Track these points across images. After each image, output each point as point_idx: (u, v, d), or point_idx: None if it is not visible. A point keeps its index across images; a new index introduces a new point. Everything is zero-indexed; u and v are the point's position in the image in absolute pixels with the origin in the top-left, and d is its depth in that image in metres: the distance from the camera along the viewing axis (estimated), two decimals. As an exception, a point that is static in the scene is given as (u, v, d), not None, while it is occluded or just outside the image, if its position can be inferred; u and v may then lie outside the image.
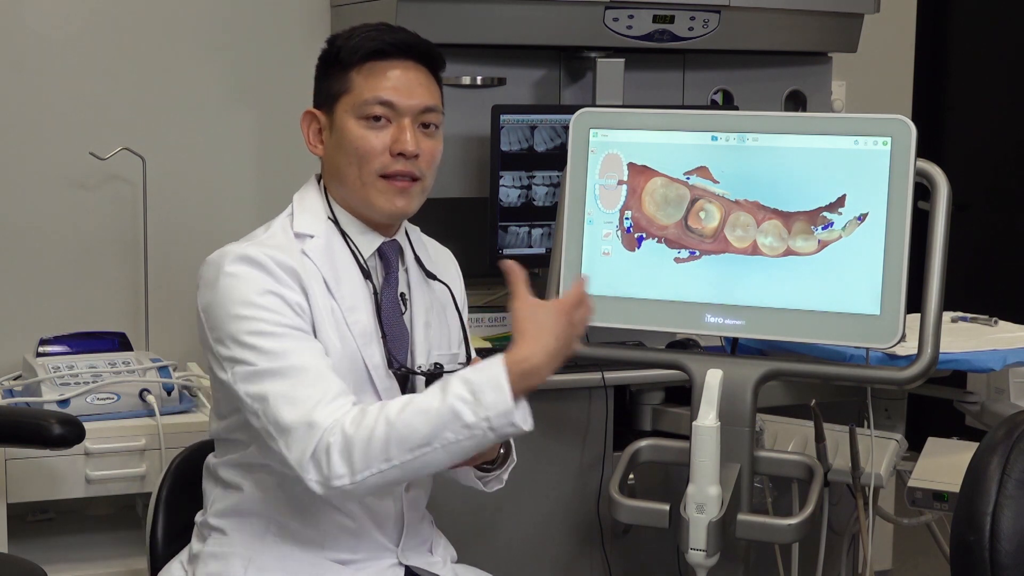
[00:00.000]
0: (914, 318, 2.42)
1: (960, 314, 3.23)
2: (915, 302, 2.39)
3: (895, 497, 3.67)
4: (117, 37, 3.25)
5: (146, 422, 2.83)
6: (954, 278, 2.53)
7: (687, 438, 2.33)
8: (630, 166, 2.50)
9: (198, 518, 2.13)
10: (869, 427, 2.71)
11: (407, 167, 2.03)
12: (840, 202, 2.38)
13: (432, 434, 1.83)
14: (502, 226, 3.02)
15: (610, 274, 2.50)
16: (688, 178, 2.47)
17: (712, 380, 2.35)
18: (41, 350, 3.04)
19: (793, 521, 2.40)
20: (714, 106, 3.34)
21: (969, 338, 2.98)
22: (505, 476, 2.17)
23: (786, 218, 2.41)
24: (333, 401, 1.90)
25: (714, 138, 2.46)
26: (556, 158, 2.98)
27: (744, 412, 2.42)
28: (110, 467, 2.77)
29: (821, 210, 2.39)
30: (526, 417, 1.85)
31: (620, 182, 2.50)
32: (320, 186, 2.12)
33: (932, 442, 2.79)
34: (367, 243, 2.09)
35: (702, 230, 2.46)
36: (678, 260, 2.47)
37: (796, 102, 3.44)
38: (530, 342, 1.87)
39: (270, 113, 3.36)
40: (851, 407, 2.95)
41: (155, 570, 2.19)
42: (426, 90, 2.07)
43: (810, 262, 2.40)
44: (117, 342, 3.10)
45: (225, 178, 3.36)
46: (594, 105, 3.06)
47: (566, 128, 2.64)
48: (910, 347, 2.48)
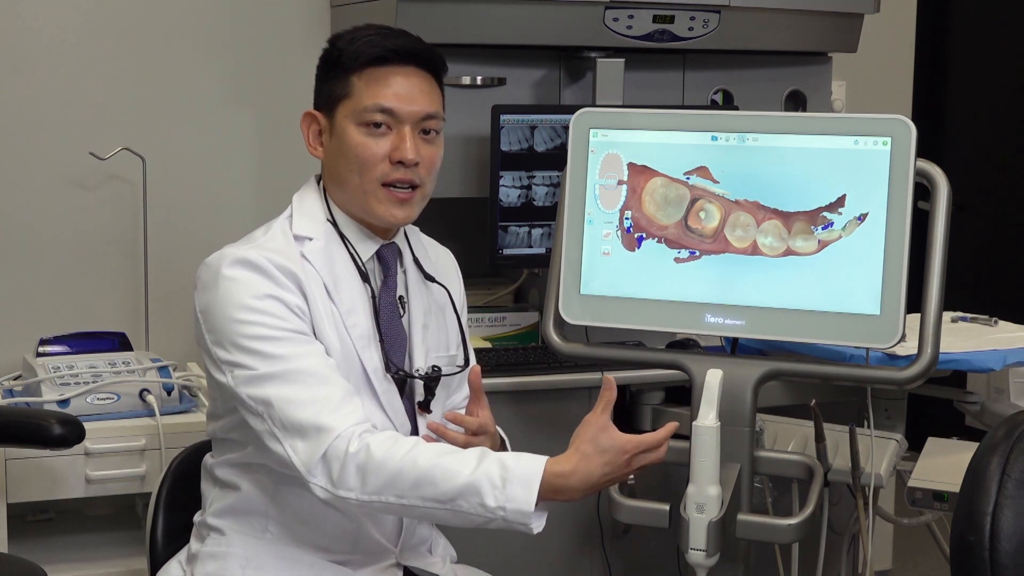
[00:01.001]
0: (914, 318, 2.42)
1: (960, 314, 3.23)
2: (915, 302, 2.39)
3: (895, 497, 3.67)
4: (117, 37, 3.25)
5: (146, 422, 2.83)
6: (954, 278, 2.53)
7: (687, 438, 2.33)
8: (630, 166, 2.50)
9: (196, 518, 2.13)
10: (869, 427, 2.71)
11: (407, 175, 2.03)
12: (840, 202, 2.38)
13: (450, 497, 1.86)
14: (502, 226, 3.03)
15: (610, 274, 2.49)
16: (688, 178, 2.47)
17: (712, 380, 2.34)
18: (41, 350, 3.04)
19: (793, 521, 2.39)
20: (714, 106, 3.34)
21: (969, 338, 2.98)
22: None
23: (786, 218, 2.41)
24: (341, 405, 1.91)
25: (714, 138, 2.46)
26: (556, 158, 2.99)
27: (744, 412, 2.42)
28: (110, 467, 2.77)
29: (821, 210, 2.39)
30: (540, 523, 1.90)
31: (620, 182, 2.50)
32: (319, 188, 2.12)
33: (932, 442, 2.79)
34: (366, 246, 2.09)
35: (702, 230, 2.46)
36: (678, 260, 2.47)
37: (796, 102, 3.44)
38: (577, 461, 1.91)
39: (270, 113, 3.36)
40: (851, 407, 2.95)
41: (155, 570, 2.19)
42: (427, 97, 2.06)
43: (810, 262, 2.40)
44: (117, 342, 3.10)
45: (225, 178, 3.36)
46: (594, 105, 3.06)
47: (566, 128, 2.64)
48: (910, 347, 2.48)
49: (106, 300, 3.28)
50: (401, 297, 2.12)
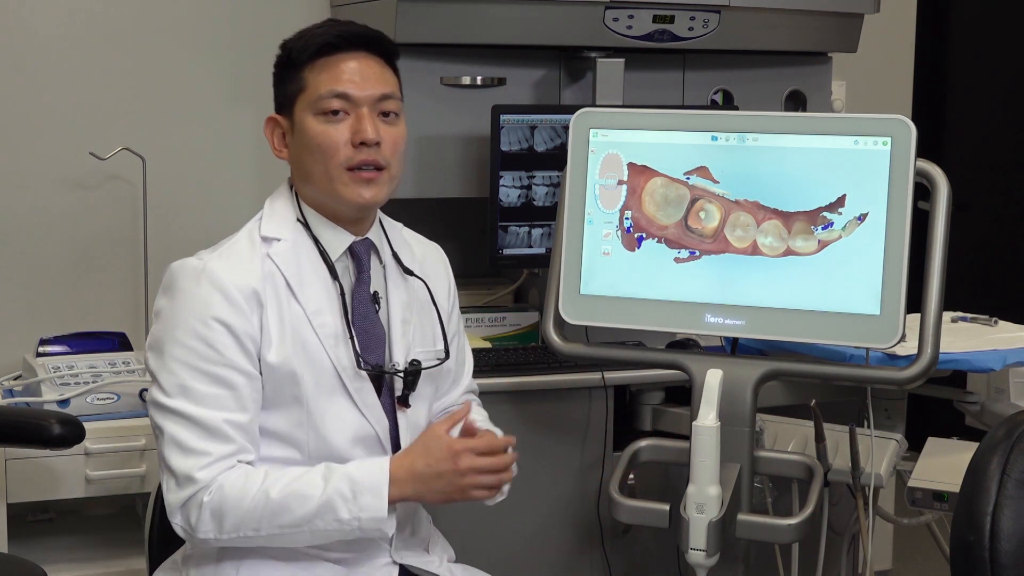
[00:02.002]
0: (914, 318, 2.42)
1: (960, 314, 3.23)
2: (915, 302, 2.39)
3: (895, 497, 3.67)
4: (117, 37, 3.25)
5: (146, 422, 2.79)
6: (954, 278, 2.53)
7: (687, 438, 2.33)
8: (630, 166, 2.50)
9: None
10: (869, 427, 2.71)
11: (371, 156, 2.04)
12: (840, 202, 2.38)
13: (305, 519, 1.94)
14: (502, 226, 3.02)
15: (610, 274, 2.49)
16: (688, 178, 2.47)
17: (712, 380, 2.35)
18: (41, 350, 3.04)
19: (793, 521, 2.39)
20: (714, 106, 3.34)
21: (969, 338, 2.98)
22: (506, 489, 2.17)
23: (786, 218, 2.41)
24: (219, 462, 1.96)
25: (714, 138, 2.46)
26: (556, 158, 2.98)
27: (744, 412, 2.42)
28: (110, 467, 2.77)
29: (821, 210, 2.39)
30: (392, 526, 1.98)
31: (620, 182, 2.50)
32: (290, 189, 2.13)
33: (932, 442, 2.79)
34: (338, 242, 2.09)
35: (702, 230, 2.46)
36: (678, 260, 2.47)
37: (796, 102, 3.44)
38: (406, 462, 1.98)
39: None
40: (851, 407, 2.95)
41: (154, 570, 2.19)
42: (380, 78, 2.07)
43: (810, 262, 2.40)
44: (117, 342, 3.10)
45: (225, 178, 3.36)
46: (594, 105, 3.06)
47: (566, 128, 2.64)
48: (910, 347, 2.48)
49: (106, 300, 3.28)
50: (376, 292, 2.11)
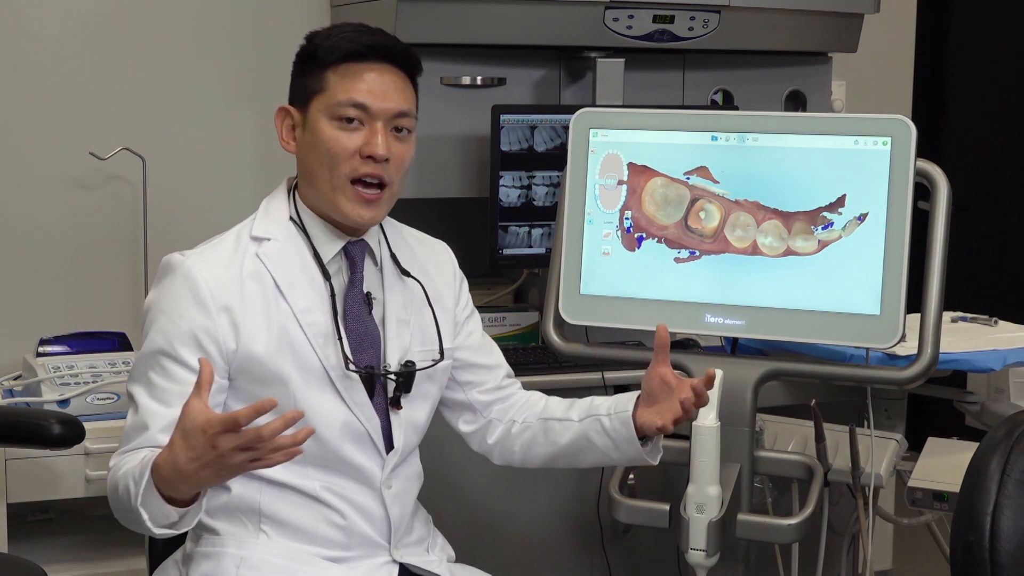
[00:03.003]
0: (914, 318, 2.42)
1: (960, 314, 3.23)
2: (915, 302, 2.39)
3: (895, 497, 3.67)
4: (117, 37, 3.25)
5: (146, 422, 2.82)
6: (954, 278, 2.53)
7: (687, 438, 2.33)
8: (630, 166, 2.50)
9: (192, 519, 2.13)
10: (869, 427, 2.71)
11: (377, 170, 2.04)
12: (840, 202, 2.38)
13: (128, 506, 1.87)
14: (502, 226, 3.03)
15: (610, 274, 2.50)
16: (688, 178, 2.47)
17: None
18: (41, 350, 3.04)
19: (793, 521, 2.40)
20: (714, 106, 3.34)
21: (969, 338, 2.99)
22: (661, 443, 2.18)
23: (786, 218, 2.41)
24: (136, 451, 1.94)
25: (714, 138, 2.46)
26: (556, 158, 2.99)
27: (744, 412, 2.42)
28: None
29: (821, 210, 2.39)
30: (190, 517, 1.87)
31: (620, 182, 2.50)
32: (288, 188, 2.13)
33: (932, 442, 2.79)
34: (331, 244, 2.09)
35: (702, 230, 2.46)
36: (678, 260, 2.47)
37: (796, 102, 3.44)
38: (176, 452, 1.79)
39: (270, 113, 3.32)
40: (851, 407, 2.95)
41: (154, 570, 2.19)
42: (401, 94, 2.07)
43: (810, 262, 2.40)
44: (117, 342, 3.10)
45: (225, 178, 3.36)
46: (594, 105, 3.06)
47: (566, 128, 2.64)
48: (910, 347, 2.48)
49: (106, 300, 3.27)
50: (369, 293, 2.11)
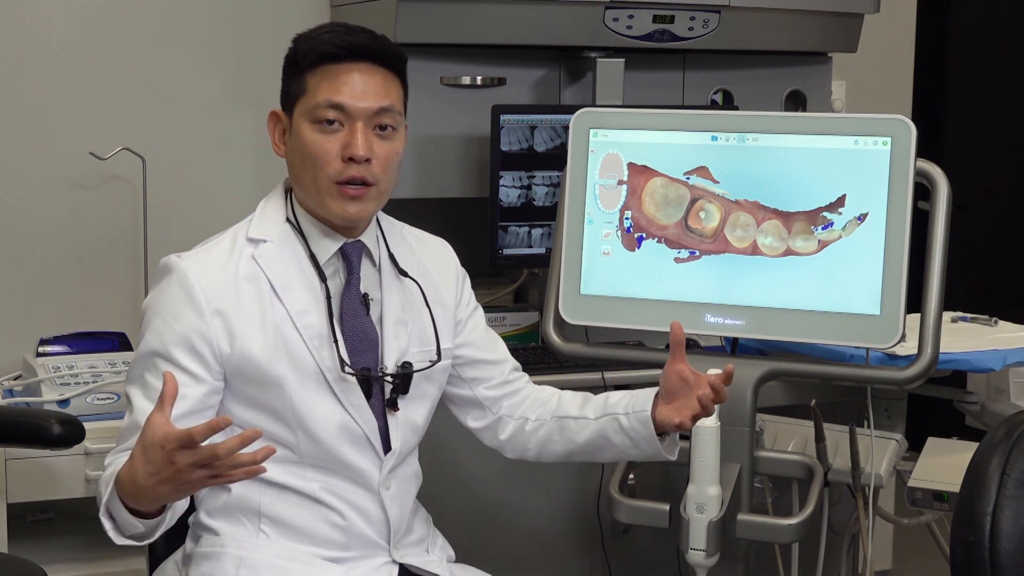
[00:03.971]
0: (914, 318, 2.42)
1: (960, 314, 3.23)
2: (915, 302, 2.39)
3: (895, 497, 3.67)
4: (117, 37, 3.25)
5: (146, 422, 2.82)
6: (954, 278, 2.53)
7: (687, 438, 2.33)
8: (630, 166, 2.50)
9: (191, 518, 2.13)
10: (869, 427, 2.71)
11: (360, 172, 2.03)
12: (840, 202, 2.38)
13: (103, 510, 1.91)
14: (502, 226, 3.03)
15: (610, 274, 2.50)
16: (688, 178, 2.47)
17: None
18: (41, 350, 3.04)
19: (793, 521, 2.40)
20: (714, 106, 3.34)
21: (969, 338, 2.99)
22: (678, 437, 2.20)
23: (786, 218, 2.41)
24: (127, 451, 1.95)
25: (714, 138, 2.46)
26: (556, 158, 2.99)
27: (744, 412, 2.42)
28: (110, 467, 2.77)
29: (821, 210, 2.39)
30: (156, 526, 1.89)
31: (620, 182, 2.50)
32: (285, 190, 2.14)
33: (932, 442, 2.79)
34: (328, 244, 2.09)
35: (702, 230, 2.46)
36: (678, 260, 2.47)
37: (796, 102, 3.44)
38: (136, 468, 1.80)
39: (270, 111, 3.35)
40: (851, 407, 2.95)
41: (154, 570, 2.19)
42: (381, 92, 2.06)
43: (810, 262, 2.40)
44: (117, 342, 3.10)
45: (225, 178, 3.36)
46: (594, 105, 3.06)
47: (566, 128, 2.64)
48: (910, 347, 2.48)
49: (106, 300, 3.27)
50: (367, 294, 2.11)
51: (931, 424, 3.22)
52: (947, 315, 3.11)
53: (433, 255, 2.24)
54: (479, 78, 3.13)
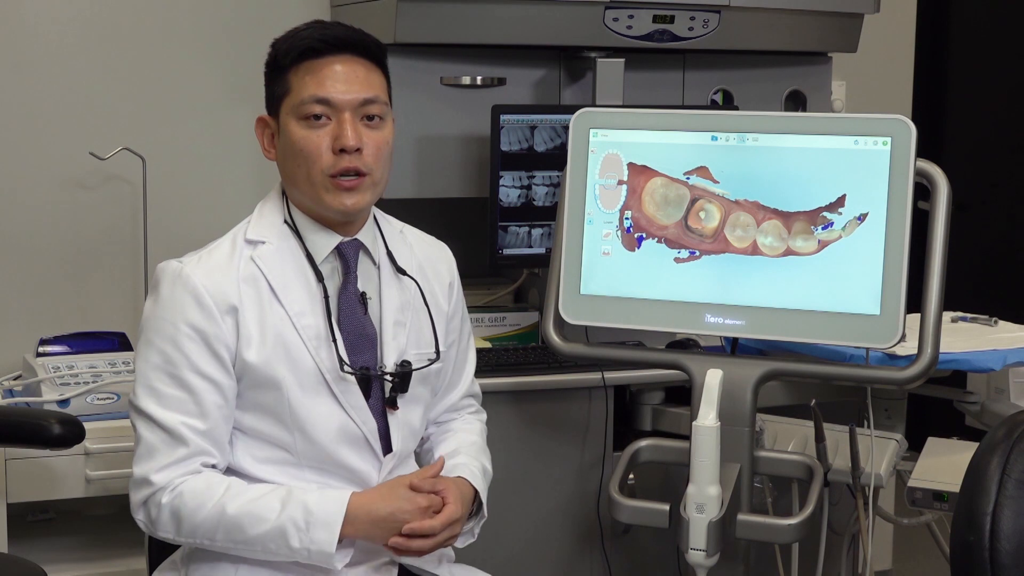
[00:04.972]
0: (914, 318, 2.42)
1: (960, 314, 3.23)
2: (915, 302, 2.39)
3: (895, 497, 3.67)
4: (117, 37, 3.25)
5: (146, 422, 2.82)
6: (954, 278, 2.53)
7: (687, 438, 2.33)
8: (630, 166, 2.50)
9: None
10: (869, 427, 2.71)
11: (352, 163, 2.03)
12: (840, 202, 2.38)
13: (257, 540, 1.97)
14: (502, 226, 3.02)
15: (610, 274, 2.50)
16: (688, 178, 2.47)
17: (712, 380, 2.35)
18: (41, 350, 3.04)
19: (793, 521, 2.40)
20: (714, 106, 3.34)
21: (969, 338, 2.98)
22: (477, 530, 2.18)
23: (786, 218, 2.41)
24: (176, 466, 1.99)
25: (714, 138, 2.46)
26: (556, 158, 2.99)
27: (744, 412, 2.42)
28: (110, 467, 2.77)
29: (821, 210, 2.39)
30: (344, 559, 1.99)
31: (620, 182, 2.50)
32: (281, 192, 2.14)
33: (932, 442, 2.79)
34: (325, 243, 2.09)
35: (702, 230, 2.46)
36: (678, 260, 2.47)
37: (796, 102, 3.44)
38: (377, 500, 2.01)
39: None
40: (851, 407, 2.95)
41: (154, 570, 2.19)
42: (364, 82, 2.06)
43: (810, 262, 2.40)
44: (117, 342, 3.10)
45: (225, 178, 3.36)
46: (594, 105, 3.06)
47: (566, 128, 2.64)
48: (910, 347, 2.48)
49: (106, 300, 3.28)
50: (364, 293, 2.11)
51: (931, 424, 3.22)
52: (947, 315, 3.11)
53: (432, 258, 2.24)
54: (479, 78, 3.13)
